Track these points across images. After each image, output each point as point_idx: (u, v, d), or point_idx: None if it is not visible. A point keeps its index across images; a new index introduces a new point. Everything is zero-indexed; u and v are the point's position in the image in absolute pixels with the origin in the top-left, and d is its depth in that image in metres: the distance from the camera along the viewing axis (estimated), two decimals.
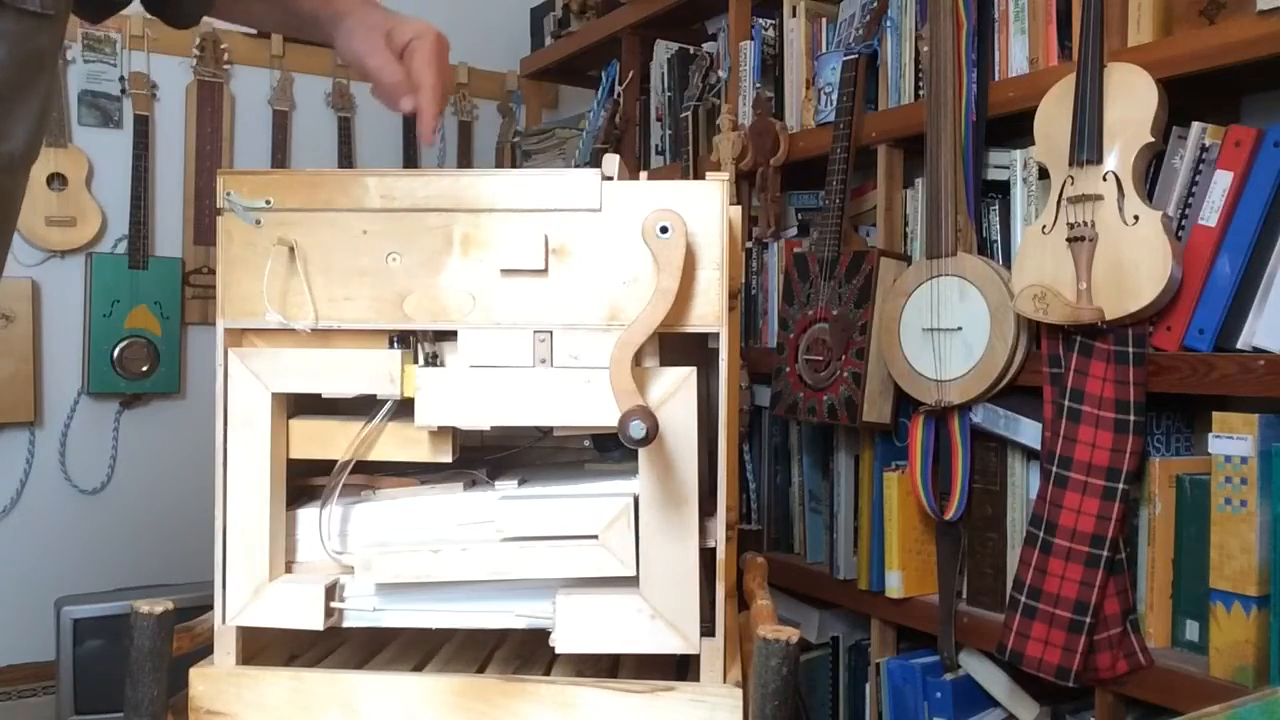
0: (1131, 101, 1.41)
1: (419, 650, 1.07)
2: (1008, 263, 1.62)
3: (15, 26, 0.87)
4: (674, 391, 0.93)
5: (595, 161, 2.50)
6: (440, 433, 0.97)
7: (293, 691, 0.96)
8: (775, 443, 2.10)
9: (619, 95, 2.63)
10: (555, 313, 0.94)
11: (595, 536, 0.93)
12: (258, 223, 0.96)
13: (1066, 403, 1.46)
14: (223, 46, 2.85)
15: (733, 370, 0.99)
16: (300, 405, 1.01)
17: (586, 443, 1.15)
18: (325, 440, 0.99)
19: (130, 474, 2.77)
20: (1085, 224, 1.42)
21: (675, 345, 0.97)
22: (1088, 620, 1.41)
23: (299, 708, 0.96)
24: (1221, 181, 1.37)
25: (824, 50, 2.02)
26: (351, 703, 0.95)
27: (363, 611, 0.98)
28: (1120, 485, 1.41)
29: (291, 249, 0.96)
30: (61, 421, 2.69)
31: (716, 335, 0.95)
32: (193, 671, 0.97)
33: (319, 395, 0.99)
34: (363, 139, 3.09)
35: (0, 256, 0.98)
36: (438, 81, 1.07)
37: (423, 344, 0.97)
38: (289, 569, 1.00)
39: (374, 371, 0.96)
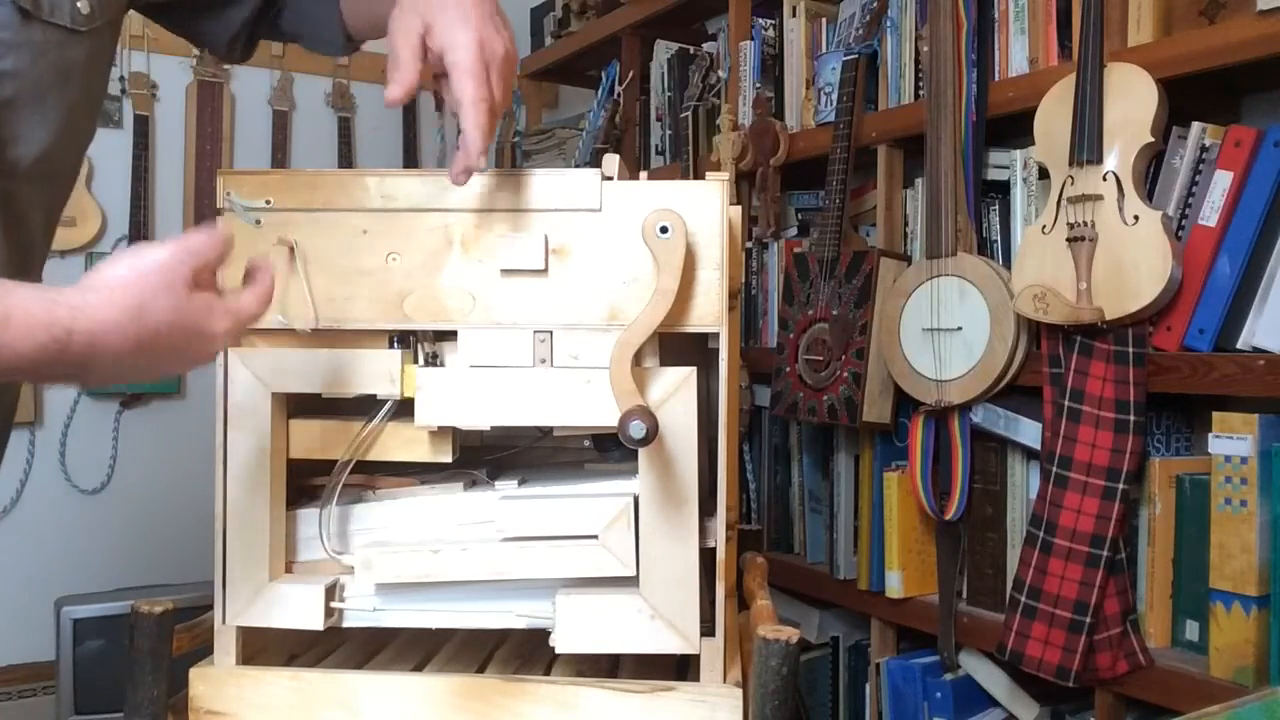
0: (1131, 101, 1.41)
1: (419, 650, 1.07)
2: (1008, 263, 1.62)
3: (42, 37, 0.87)
4: (674, 391, 0.93)
5: (595, 161, 2.50)
6: (440, 433, 0.97)
7: (293, 691, 0.96)
8: (775, 443, 2.10)
9: (619, 95, 2.63)
10: (555, 313, 0.94)
11: (595, 536, 0.93)
12: (258, 223, 0.96)
13: (1066, 403, 1.46)
14: None
15: (733, 370, 0.99)
16: (300, 405, 1.01)
17: (586, 443, 1.15)
18: (325, 440, 0.99)
19: (130, 474, 2.77)
20: (1085, 224, 1.42)
21: (675, 345, 0.97)
22: (1088, 620, 1.41)
23: (299, 708, 0.96)
24: (1221, 181, 1.37)
25: (824, 50, 2.02)
26: (351, 703, 0.95)
27: (363, 611, 0.98)
28: (1120, 485, 1.41)
29: (291, 249, 0.96)
30: (61, 421, 2.70)
31: (716, 335, 0.95)
32: (193, 671, 0.97)
33: (319, 395, 0.99)
34: (363, 139, 3.09)
35: (30, 264, 0.95)
36: (480, 99, 0.87)
37: (423, 344, 0.98)
38: (289, 569, 1.00)
39: (374, 371, 0.96)
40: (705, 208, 0.94)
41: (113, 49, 0.98)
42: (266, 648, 1.02)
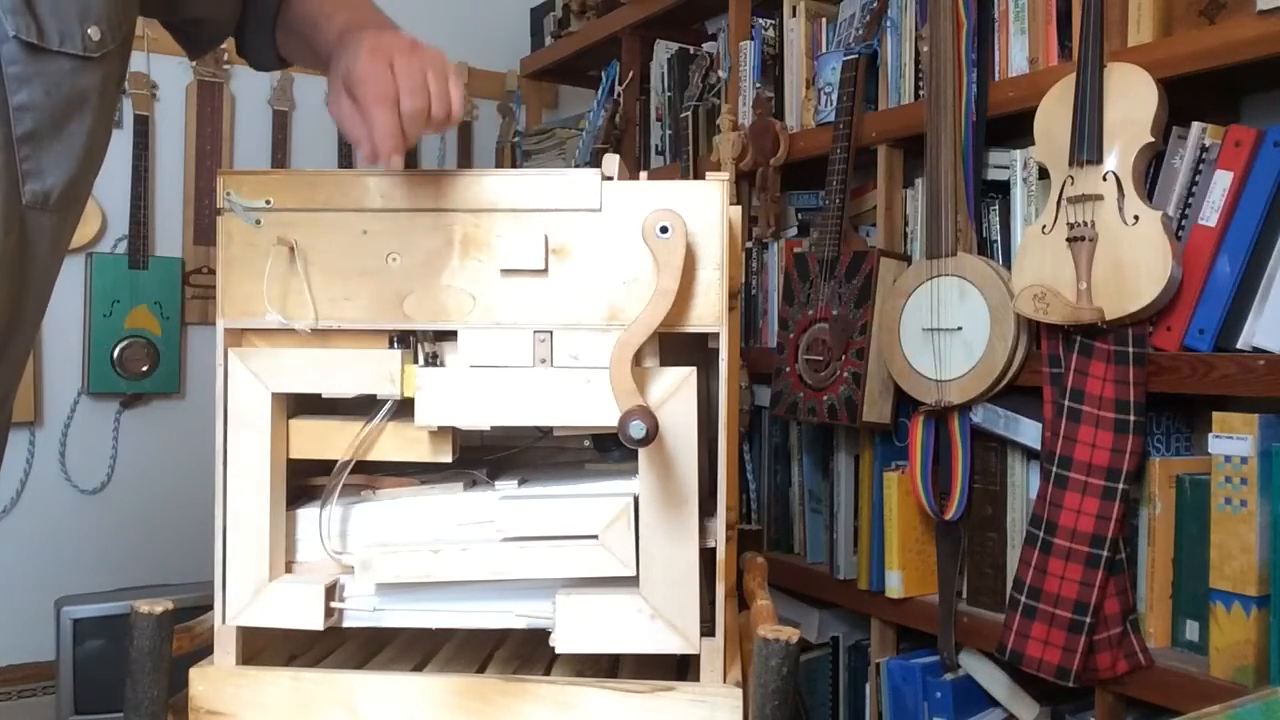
0: (1131, 101, 1.41)
1: (419, 650, 1.07)
2: (1008, 263, 1.62)
3: (54, 67, 0.85)
4: (674, 391, 0.93)
5: (595, 161, 2.50)
6: (440, 433, 0.97)
7: (293, 691, 0.96)
8: (775, 443, 2.10)
9: (619, 95, 2.63)
10: (555, 313, 0.94)
11: (595, 536, 0.93)
12: (258, 223, 0.96)
13: (1066, 403, 1.46)
14: (222, 46, 2.84)
15: (733, 370, 0.99)
16: (300, 405, 1.01)
17: (586, 443, 1.15)
18: (325, 440, 0.99)
19: (130, 474, 2.77)
20: (1085, 224, 1.42)
21: (675, 345, 0.97)
22: (1088, 620, 1.41)
23: (299, 708, 0.96)
24: (1221, 181, 1.37)
25: (824, 50, 2.02)
26: (351, 703, 0.95)
27: (363, 611, 0.98)
28: (1120, 485, 1.41)
29: (291, 249, 0.96)
30: (61, 421, 2.69)
31: (716, 335, 0.95)
32: (193, 671, 0.97)
33: (319, 395, 0.99)
34: None
35: (43, 296, 0.95)
36: (377, 91, 0.88)
37: (423, 344, 0.98)
38: (289, 569, 1.00)
39: (374, 371, 0.96)
40: (705, 208, 0.94)
41: (125, 68, 0.96)
42: (266, 648, 1.02)
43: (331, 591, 0.97)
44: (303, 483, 1.03)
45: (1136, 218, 1.38)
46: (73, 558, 2.69)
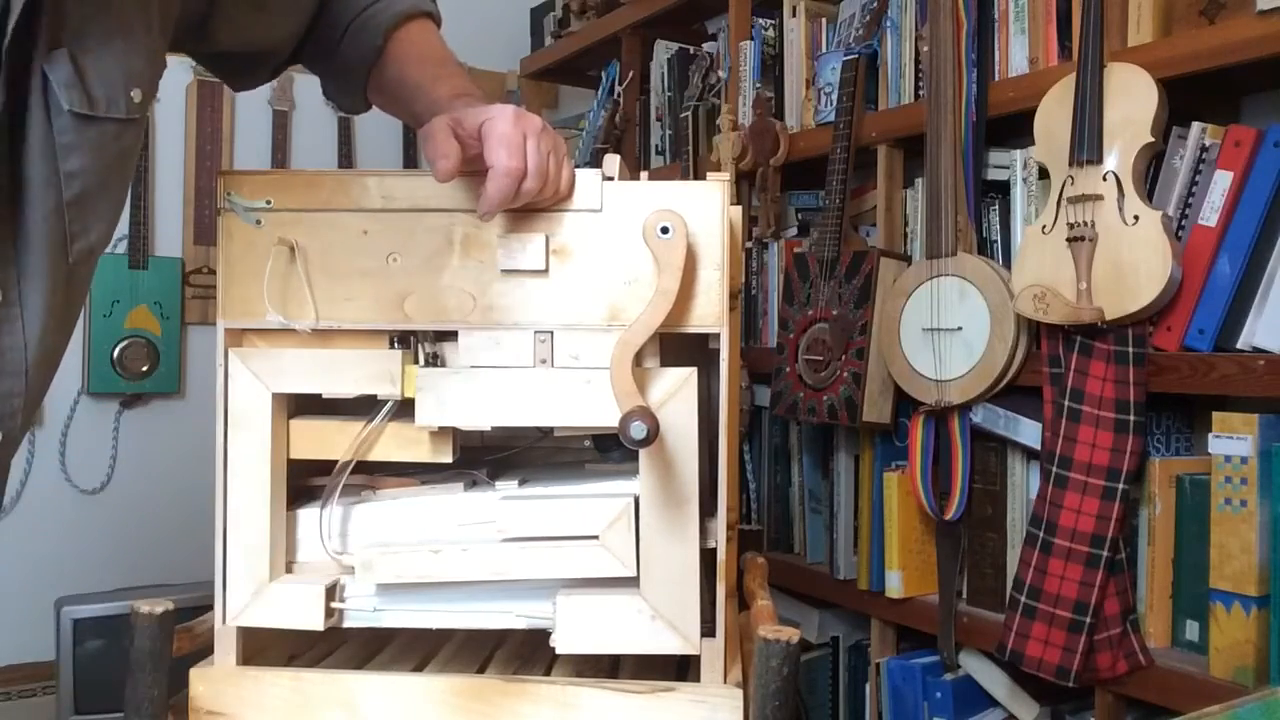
0: (1131, 101, 1.41)
1: (419, 650, 1.07)
2: (1008, 263, 1.62)
3: (99, 131, 0.88)
4: (674, 392, 0.93)
5: (595, 161, 2.50)
6: (440, 433, 0.97)
7: (293, 691, 0.96)
8: (775, 443, 2.10)
9: (619, 95, 2.63)
10: (556, 313, 0.95)
11: (595, 537, 0.93)
12: (258, 223, 0.96)
13: (1066, 403, 1.46)
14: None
15: (733, 370, 0.99)
16: (300, 405, 1.01)
17: (587, 443, 1.15)
18: (325, 440, 0.99)
19: (130, 474, 2.77)
20: (1085, 224, 1.42)
21: (675, 345, 0.97)
22: (1088, 620, 1.41)
23: (299, 708, 0.96)
24: (1221, 181, 1.37)
25: (824, 50, 2.02)
26: (351, 703, 0.95)
27: (363, 611, 0.98)
28: (1120, 485, 1.41)
29: (292, 249, 0.96)
30: (61, 421, 2.69)
31: (717, 335, 0.95)
32: (193, 671, 0.97)
33: (319, 395, 0.99)
34: (363, 139, 3.08)
35: (68, 333, 0.99)
36: (510, 164, 0.89)
37: (423, 344, 0.98)
38: (289, 569, 1.00)
39: (374, 371, 0.96)
40: (706, 208, 0.94)
41: (143, 131, 0.99)
42: (266, 648, 1.02)
43: (332, 592, 0.97)
44: (303, 483, 1.03)
45: (1136, 218, 1.38)
46: (73, 558, 2.69)
